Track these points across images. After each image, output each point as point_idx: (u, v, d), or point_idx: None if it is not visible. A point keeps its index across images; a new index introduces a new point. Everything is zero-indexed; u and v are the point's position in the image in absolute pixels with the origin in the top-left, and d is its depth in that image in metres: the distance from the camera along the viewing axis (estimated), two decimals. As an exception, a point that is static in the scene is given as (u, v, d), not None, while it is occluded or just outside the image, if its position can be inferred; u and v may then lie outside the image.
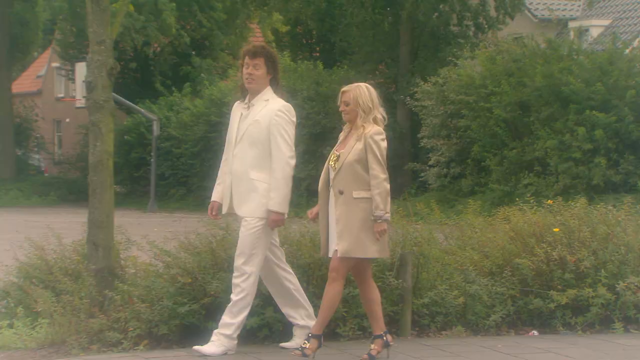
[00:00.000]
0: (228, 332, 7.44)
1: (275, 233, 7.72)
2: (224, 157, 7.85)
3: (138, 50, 36.39)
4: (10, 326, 8.25)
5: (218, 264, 8.10)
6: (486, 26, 29.73)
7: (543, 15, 34.51)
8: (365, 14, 29.98)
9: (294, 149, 7.59)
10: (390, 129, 28.53)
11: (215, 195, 7.89)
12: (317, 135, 29.11)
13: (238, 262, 7.46)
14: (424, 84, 26.23)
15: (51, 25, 41.97)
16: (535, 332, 8.74)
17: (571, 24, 33.34)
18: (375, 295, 7.49)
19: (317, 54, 38.26)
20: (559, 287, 8.71)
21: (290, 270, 7.80)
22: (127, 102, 31.22)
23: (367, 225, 7.23)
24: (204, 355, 7.37)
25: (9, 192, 34.85)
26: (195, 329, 7.94)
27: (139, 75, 37.50)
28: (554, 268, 8.76)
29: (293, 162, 7.56)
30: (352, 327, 8.13)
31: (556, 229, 8.95)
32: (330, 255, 7.38)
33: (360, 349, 7.80)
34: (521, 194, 19.85)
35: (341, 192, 7.31)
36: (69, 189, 36.18)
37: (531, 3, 34.32)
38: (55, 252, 8.84)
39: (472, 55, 27.08)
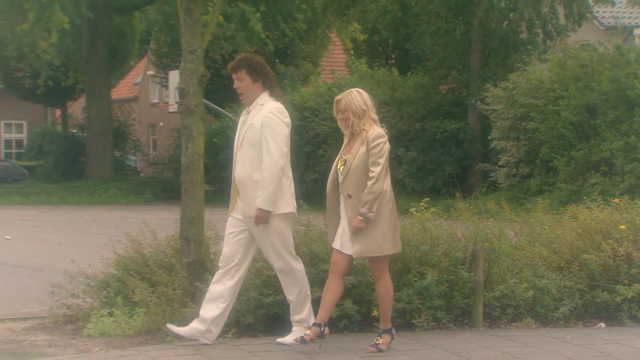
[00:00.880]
0: (306, 324, 7.47)
1: (289, 231, 7.60)
2: None
3: (226, 58, 36.66)
4: (110, 315, 8.36)
5: (300, 258, 8.11)
6: (555, 33, 29.38)
7: (609, 22, 33.96)
8: (438, 23, 29.85)
9: (285, 149, 7.49)
10: (462, 131, 28.46)
11: None
12: (391, 138, 28.59)
13: (277, 265, 7.52)
14: (494, 89, 26.04)
15: (147, 36, 42.53)
16: (603, 325, 8.61)
17: (636, 32, 32.84)
18: (341, 290, 7.39)
19: (393, 61, 38.15)
20: (625, 281, 8.61)
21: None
22: (216, 107, 31.40)
23: (377, 225, 7.17)
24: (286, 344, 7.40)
25: (108, 191, 35.38)
26: (279, 318, 7.97)
27: (227, 82, 37.76)
28: (620, 263, 8.67)
29: (282, 162, 7.44)
30: (426, 318, 8.09)
31: (622, 226, 8.85)
32: (337, 247, 7.34)
33: (434, 339, 7.77)
34: (588, 193, 19.54)
35: (350, 196, 7.24)
36: (162, 188, 36.61)
37: (597, 12, 33.77)
38: (150, 246, 8.94)
39: (543, 59, 26.84)
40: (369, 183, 7.14)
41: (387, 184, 7.28)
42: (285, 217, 7.52)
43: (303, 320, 7.53)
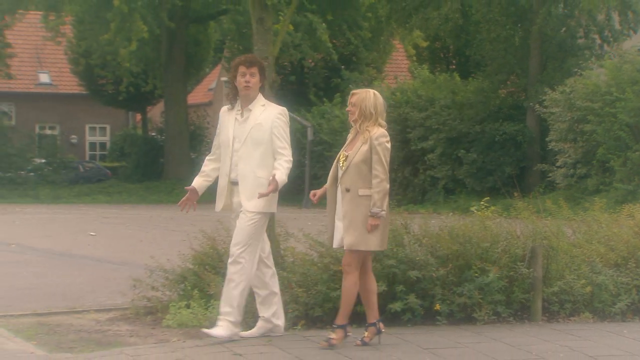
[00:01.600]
0: (232, 318, 7.28)
1: (264, 230, 7.46)
2: (211, 157, 7.70)
3: (295, 65, 36.80)
4: (188, 306, 8.42)
5: (366, 254, 8.10)
6: (611, 39, 28.95)
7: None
8: (498, 30, 29.60)
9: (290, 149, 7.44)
10: (521, 133, 28.17)
11: (194, 184, 7.81)
12: (452, 139, 28.89)
13: (234, 250, 7.25)
14: (552, 93, 25.76)
15: (221, 44, 42.82)
16: (659, 319, 8.46)
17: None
18: (374, 286, 7.33)
19: (454, 67, 37.95)
20: (681, 277, 8.43)
21: (273, 269, 7.57)
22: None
23: (367, 221, 7.07)
24: (216, 338, 7.23)
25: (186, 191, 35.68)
26: (346, 311, 7.95)
27: (296, 87, 37.92)
28: (676, 260, 8.49)
29: (291, 160, 7.40)
30: (487, 312, 8.02)
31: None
32: (335, 246, 7.30)
33: (494, 332, 7.70)
34: (644, 192, 19.27)
35: (348, 190, 7.16)
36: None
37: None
38: (224, 243, 8.96)
39: (599, 64, 26.50)
40: (375, 182, 7.07)
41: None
42: (269, 216, 7.45)
43: (228, 314, 7.28)
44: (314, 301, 7.92)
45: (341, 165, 7.24)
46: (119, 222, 24.14)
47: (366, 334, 7.24)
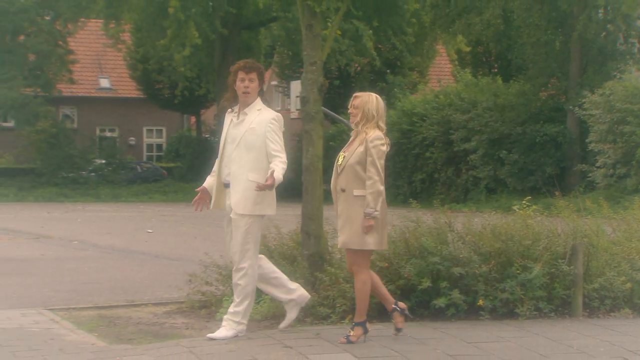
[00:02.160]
0: (237, 319, 7.25)
1: (259, 231, 7.40)
2: (218, 158, 7.52)
3: (341, 69, 36.79)
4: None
5: (410, 251, 8.06)
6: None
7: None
8: (539, 35, 29.33)
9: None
10: (561, 134, 27.88)
11: (206, 183, 7.56)
12: (494, 141, 28.69)
13: (235, 258, 7.22)
14: (592, 95, 25.50)
15: (271, 50, 42.99)
16: (699, 316, 8.32)
17: None
18: (376, 279, 7.26)
19: (496, 70, 37.68)
20: None
21: (261, 256, 7.50)
22: (332, 113, 31.53)
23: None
24: (219, 339, 7.14)
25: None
26: (391, 306, 7.93)
27: (342, 91, 37.91)
28: None
29: (286, 162, 7.30)
30: (529, 308, 7.94)
31: None
32: (339, 246, 7.23)
33: (536, 327, 7.62)
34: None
35: (343, 190, 7.06)
36: (284, 187, 36.41)
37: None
38: (275, 240, 9.01)
39: (638, 67, 26.20)
40: (368, 183, 6.95)
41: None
42: (262, 218, 7.35)
43: (235, 314, 7.26)
44: (360, 296, 7.90)
45: (339, 164, 7.17)
46: (174, 219, 24.34)
47: (398, 319, 7.22)
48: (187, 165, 41.72)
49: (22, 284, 11.35)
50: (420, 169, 30.86)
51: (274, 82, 49.27)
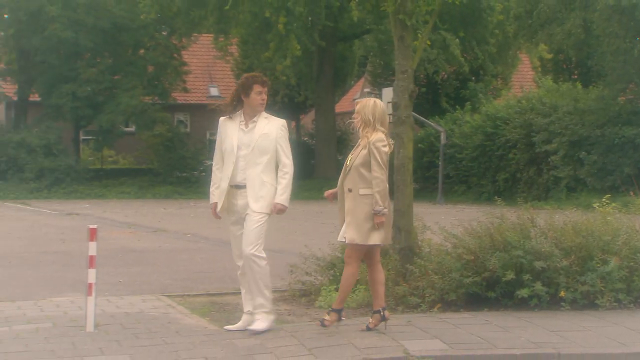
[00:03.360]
0: (266, 309, 7.17)
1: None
2: (216, 165, 7.42)
3: (429, 77, 36.53)
4: (336, 290, 8.42)
5: (495, 245, 7.97)
6: None
7: None
8: (618, 43, 28.49)
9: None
10: (639, 136, 27.03)
11: (214, 198, 7.40)
12: (574, 142, 28.04)
13: (248, 250, 7.08)
14: (669, 99, 24.69)
15: (364, 60, 42.97)
16: None
17: None
18: (381, 276, 7.12)
19: (575, 77, 36.81)
20: None
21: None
22: (420, 117, 31.38)
23: (370, 218, 6.88)
24: (258, 333, 7.06)
25: (333, 188, 35.80)
26: (477, 297, 7.86)
27: (430, 97, 37.67)
28: None
29: (292, 172, 7.30)
30: (608, 299, 7.75)
31: None
32: (340, 239, 7.13)
33: (616, 317, 7.43)
34: None
35: (350, 190, 6.99)
36: (377, 185, 36.80)
37: None
38: (368, 234, 8.99)
39: None
40: (375, 182, 6.87)
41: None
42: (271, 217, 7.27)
43: (262, 306, 7.18)
44: (448, 287, 7.85)
45: (347, 165, 7.13)
46: (275, 215, 24.45)
47: (371, 320, 7.09)
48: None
49: (142, 273, 11.63)
50: (504, 169, 30.47)
51: (366, 89, 49.23)
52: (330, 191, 7.37)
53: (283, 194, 7.23)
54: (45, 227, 19.34)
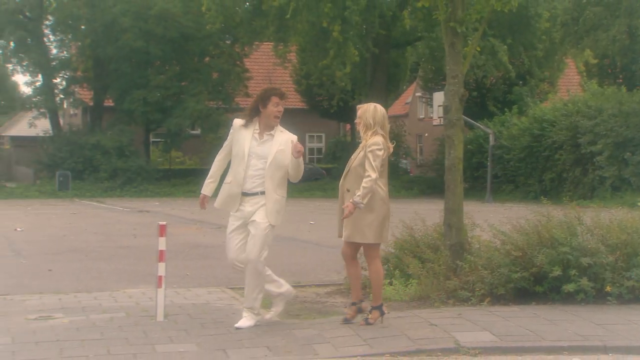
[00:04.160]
0: (256, 311, 7.15)
1: None
2: (217, 163, 7.27)
3: (478, 81, 36.17)
4: (390, 284, 8.46)
5: (542, 242, 7.85)
6: None
7: None
8: (661, 47, 27.94)
9: None
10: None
11: (206, 190, 7.29)
12: (619, 144, 27.49)
13: (253, 255, 6.98)
14: None
15: (416, 66, 42.73)
16: None
17: None
18: (358, 272, 7.08)
19: (620, 81, 36.07)
20: None
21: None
22: (470, 120, 31.10)
23: (365, 216, 6.78)
24: (242, 329, 7.03)
25: (390, 188, 35.88)
26: (525, 291, 7.75)
27: (478, 100, 37.29)
28: None
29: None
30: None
31: None
32: (343, 238, 7.04)
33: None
34: None
35: (348, 190, 6.90)
36: (427, 185, 36.63)
37: None
38: (420, 231, 8.96)
39: None
40: (365, 180, 6.77)
41: (381, 184, 6.91)
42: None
43: (253, 309, 7.14)
44: (497, 281, 7.76)
45: (347, 167, 7.07)
46: (332, 213, 24.50)
47: (370, 315, 7.03)
48: (343, 166, 41.97)
49: (207, 266, 11.74)
50: (550, 169, 30.06)
51: (418, 94, 48.99)
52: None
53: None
54: (118, 224, 19.67)
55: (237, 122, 7.23)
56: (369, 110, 7.07)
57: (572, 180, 29.17)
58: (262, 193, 7.05)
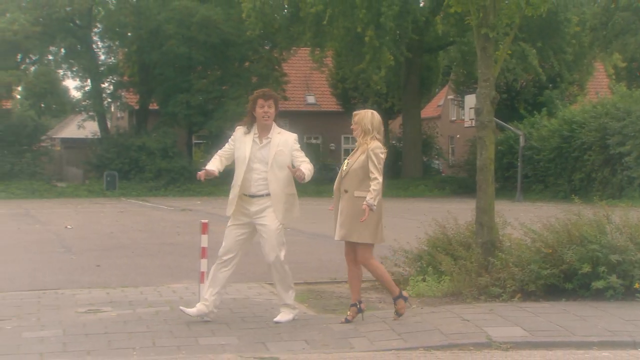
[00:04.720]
0: (291, 305, 7.20)
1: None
2: (217, 158, 7.15)
3: (508, 84, 35.86)
4: (423, 280, 8.44)
5: (572, 240, 7.76)
6: None
7: None
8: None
9: None
10: None
11: (209, 166, 7.13)
12: (648, 144, 27.10)
13: (273, 254, 7.04)
14: None
15: (448, 69, 42.52)
16: None
17: None
18: (359, 273, 7.03)
19: (648, 83, 35.58)
20: None
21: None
22: (500, 122, 30.85)
23: (361, 217, 6.69)
24: (281, 323, 7.08)
25: (418, 187, 35.73)
26: (555, 287, 7.67)
27: (509, 103, 36.97)
28: None
29: (312, 169, 7.09)
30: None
31: None
32: (337, 238, 6.98)
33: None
34: None
35: (346, 191, 6.86)
36: (459, 185, 36.39)
37: None
38: (452, 229, 8.91)
39: None
40: (373, 182, 6.74)
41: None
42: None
43: (288, 305, 7.16)
44: (528, 278, 7.69)
45: (343, 170, 7.00)
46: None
47: (348, 313, 7.03)
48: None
49: (247, 263, 11.70)
50: (579, 170, 29.70)
51: (450, 96, 48.70)
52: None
53: (305, 166, 7.03)
54: (162, 222, 19.85)
55: (239, 129, 7.25)
56: (367, 117, 7.06)
57: (600, 180, 28.79)
58: (268, 195, 7.06)
